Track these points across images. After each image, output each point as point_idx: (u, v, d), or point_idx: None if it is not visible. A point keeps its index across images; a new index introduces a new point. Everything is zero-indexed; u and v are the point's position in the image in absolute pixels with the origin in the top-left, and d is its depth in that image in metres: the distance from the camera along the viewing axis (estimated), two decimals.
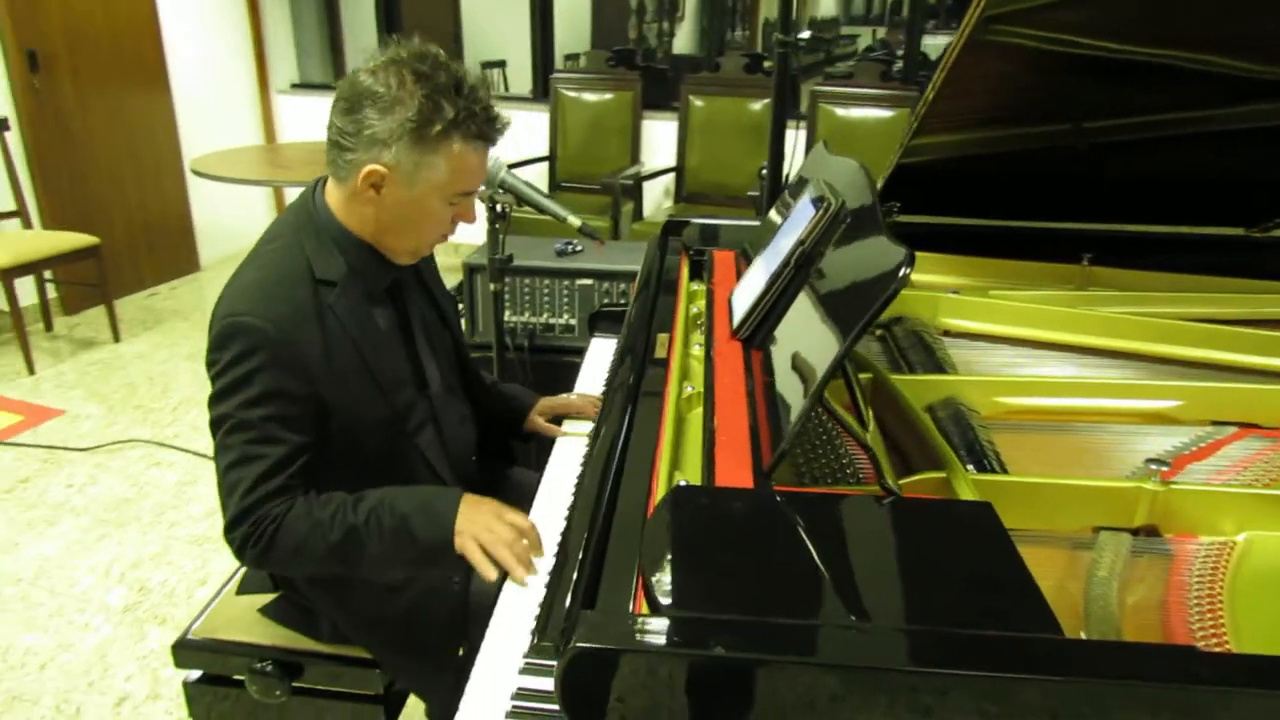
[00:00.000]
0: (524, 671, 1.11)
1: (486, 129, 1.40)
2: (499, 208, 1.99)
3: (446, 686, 1.29)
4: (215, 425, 1.39)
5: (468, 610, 1.46)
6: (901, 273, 1.01)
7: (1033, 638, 0.78)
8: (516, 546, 1.31)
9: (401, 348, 1.55)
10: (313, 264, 1.41)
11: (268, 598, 1.66)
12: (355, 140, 1.36)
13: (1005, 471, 1.23)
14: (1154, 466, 1.13)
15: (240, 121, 5.74)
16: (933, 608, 0.84)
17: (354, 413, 1.43)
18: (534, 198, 1.91)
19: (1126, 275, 1.95)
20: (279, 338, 1.34)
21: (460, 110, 1.35)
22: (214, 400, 1.39)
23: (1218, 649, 0.95)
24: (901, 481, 1.15)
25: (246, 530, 1.35)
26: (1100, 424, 1.43)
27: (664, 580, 0.87)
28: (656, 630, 0.80)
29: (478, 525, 1.34)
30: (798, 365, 1.22)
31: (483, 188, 1.92)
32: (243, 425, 1.36)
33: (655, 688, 0.78)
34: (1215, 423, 1.40)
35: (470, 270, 2.81)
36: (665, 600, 0.84)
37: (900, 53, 7.02)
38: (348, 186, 1.41)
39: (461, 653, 1.31)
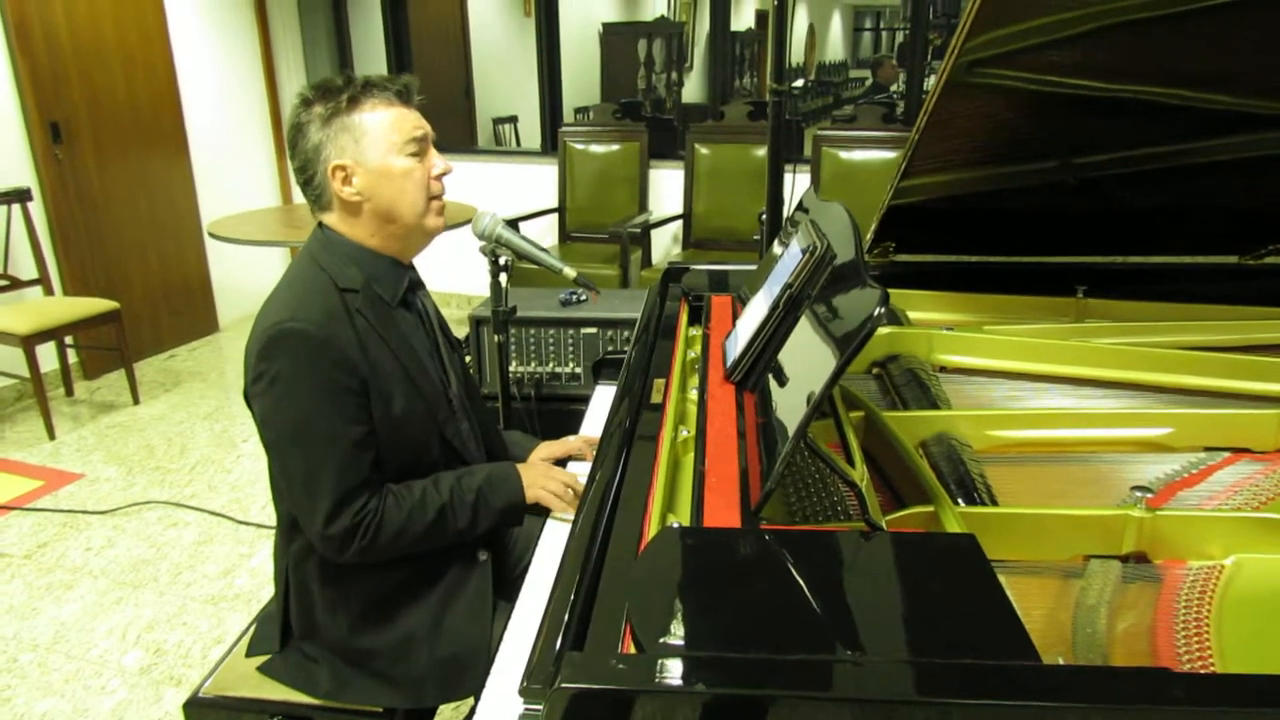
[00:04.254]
0: (524, 717, 1.12)
1: (386, 84, 1.52)
2: (501, 260, 2.03)
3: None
4: (278, 434, 1.48)
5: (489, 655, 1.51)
6: (876, 313, 1.04)
7: (1008, 665, 0.79)
8: (566, 496, 1.62)
9: (424, 346, 1.65)
10: (334, 278, 1.52)
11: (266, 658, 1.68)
12: (307, 165, 1.52)
13: (995, 504, 1.24)
14: (1139, 494, 1.14)
15: (258, 184, 5.85)
16: (913, 638, 0.85)
17: (391, 405, 1.52)
18: (529, 251, 1.94)
19: (1122, 306, 1.97)
20: (321, 336, 1.44)
21: (353, 85, 1.50)
22: (271, 410, 1.47)
23: (1202, 671, 0.95)
24: (891, 516, 1.16)
25: (347, 527, 1.47)
26: (1094, 454, 1.44)
27: (650, 619, 0.88)
28: (639, 669, 0.81)
29: (540, 481, 1.63)
30: (784, 406, 1.23)
31: (481, 242, 1.96)
32: (307, 427, 1.45)
33: None
34: (1208, 449, 1.41)
35: (476, 322, 2.85)
36: (650, 639, 0.86)
37: (894, 89, 7.13)
38: (334, 205, 1.54)
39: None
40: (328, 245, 1.55)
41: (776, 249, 1.75)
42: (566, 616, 0.99)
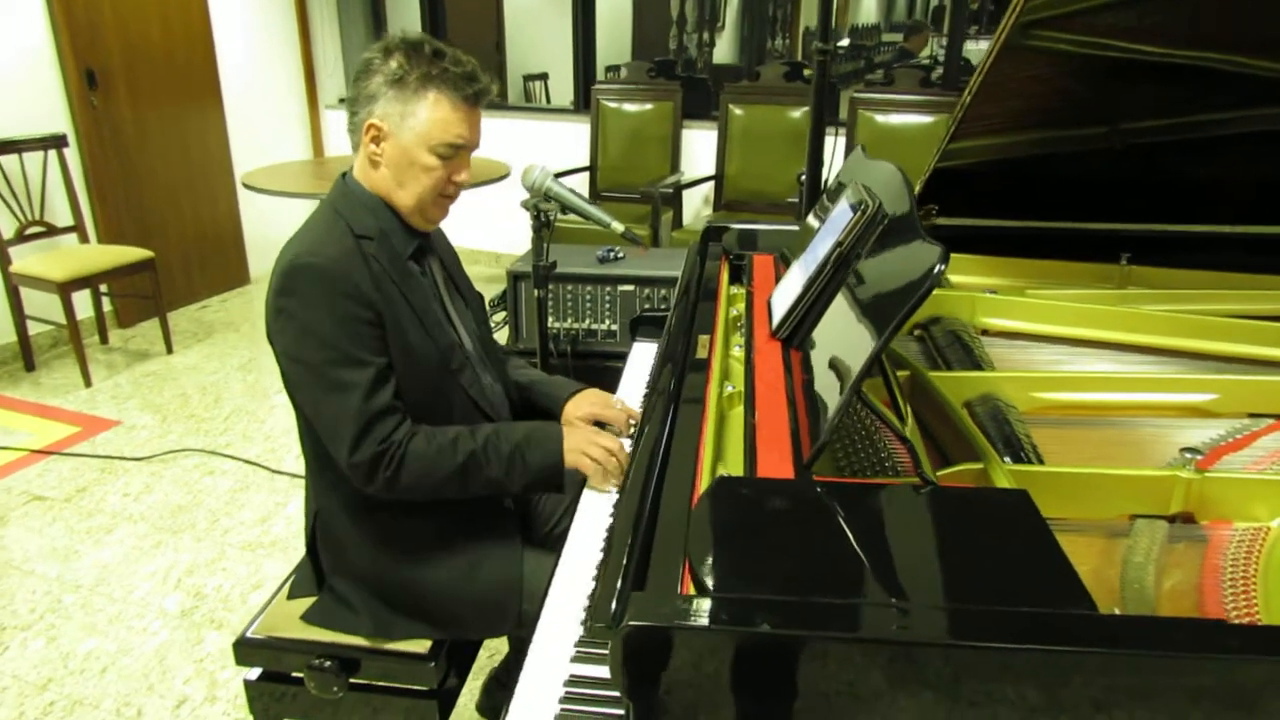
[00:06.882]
0: (576, 660, 1.15)
1: (461, 84, 1.52)
2: (543, 215, 2.04)
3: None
4: (299, 367, 1.51)
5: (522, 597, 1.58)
6: (936, 270, 1.04)
7: (1067, 613, 0.81)
8: (609, 464, 1.57)
9: (435, 301, 1.68)
10: (350, 224, 1.56)
11: (311, 601, 1.71)
12: (357, 103, 1.55)
13: (1042, 463, 1.25)
14: (1188, 455, 1.15)
15: (290, 136, 5.87)
16: (971, 587, 0.87)
17: (406, 347, 1.55)
18: (579, 205, 1.96)
19: (1166, 274, 1.96)
20: (339, 271, 1.49)
21: (436, 67, 1.51)
22: (292, 344, 1.51)
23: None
24: (940, 473, 1.18)
25: (373, 454, 1.49)
26: (1138, 418, 1.45)
27: (709, 565, 0.90)
28: (704, 609, 0.83)
29: (581, 445, 1.59)
30: (836, 362, 1.25)
31: (528, 196, 1.97)
32: (327, 358, 1.48)
33: (705, 665, 0.81)
34: (1252, 415, 1.41)
35: (514, 278, 2.87)
36: (710, 583, 0.88)
37: (924, 58, 7.03)
38: (361, 149, 1.58)
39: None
40: (347, 194, 1.60)
41: (812, 221, 1.76)
42: (625, 561, 1.02)
